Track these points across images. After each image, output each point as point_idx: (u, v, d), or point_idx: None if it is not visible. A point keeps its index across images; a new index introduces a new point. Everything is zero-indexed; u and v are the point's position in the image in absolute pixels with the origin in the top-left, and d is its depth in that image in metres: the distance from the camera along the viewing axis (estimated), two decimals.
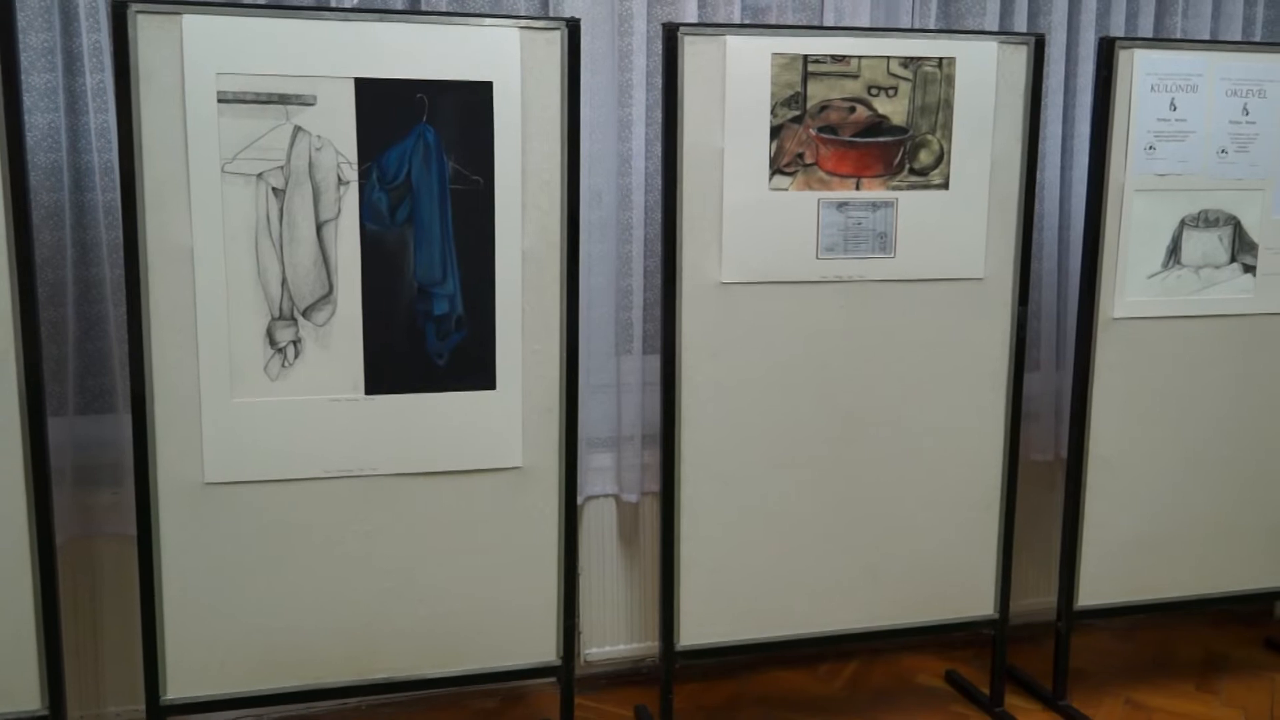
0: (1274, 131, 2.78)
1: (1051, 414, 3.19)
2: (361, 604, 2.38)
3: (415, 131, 2.25)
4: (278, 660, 2.36)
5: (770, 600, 2.68)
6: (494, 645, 2.48)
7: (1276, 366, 2.90)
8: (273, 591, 2.33)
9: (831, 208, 2.56)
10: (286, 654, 2.36)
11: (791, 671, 3.14)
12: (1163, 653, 3.29)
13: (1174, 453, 2.88)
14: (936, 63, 2.55)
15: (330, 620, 2.37)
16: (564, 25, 2.31)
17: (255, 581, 2.32)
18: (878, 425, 2.68)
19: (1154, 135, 2.70)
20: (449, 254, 2.32)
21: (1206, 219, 2.78)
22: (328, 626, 2.37)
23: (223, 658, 2.33)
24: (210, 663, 2.33)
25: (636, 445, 2.92)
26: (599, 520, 2.97)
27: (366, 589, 2.38)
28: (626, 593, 3.02)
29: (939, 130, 2.59)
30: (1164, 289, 2.78)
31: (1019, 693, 3.01)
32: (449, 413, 2.37)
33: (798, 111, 2.50)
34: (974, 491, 2.77)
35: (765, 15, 2.89)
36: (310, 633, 2.36)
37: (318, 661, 2.38)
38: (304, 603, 2.35)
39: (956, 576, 2.80)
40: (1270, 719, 2.88)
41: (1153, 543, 2.90)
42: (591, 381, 2.89)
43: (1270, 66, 2.75)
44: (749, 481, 2.62)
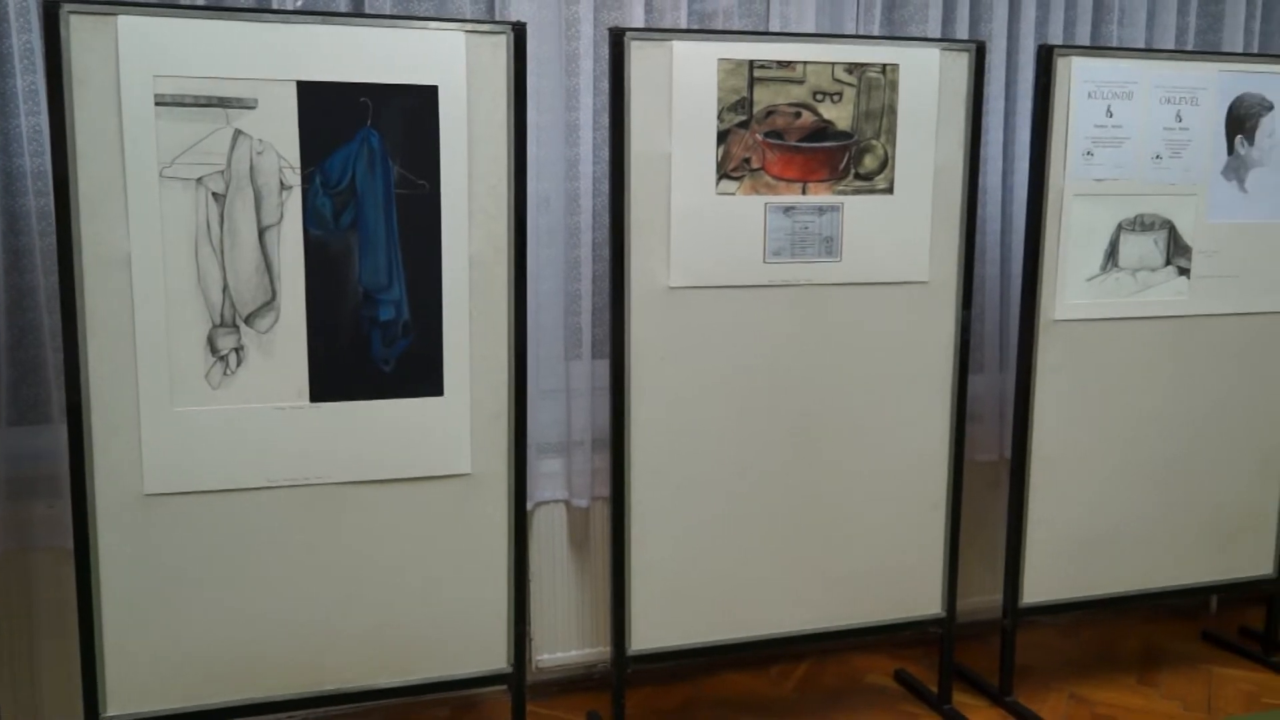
0: (1206, 138, 2.85)
1: (996, 415, 3.23)
2: (308, 615, 2.34)
3: (359, 135, 2.23)
4: (222, 674, 2.31)
5: (721, 603, 2.69)
6: (444, 654, 2.46)
7: (1210, 366, 2.97)
8: (217, 604, 2.28)
9: (778, 212, 2.57)
10: (231, 667, 2.32)
11: (744, 674, 3.15)
12: (1104, 647, 3.35)
13: (1113, 451, 2.93)
14: (880, 69, 2.58)
15: (277, 632, 2.33)
16: (510, 29, 2.30)
17: (198, 594, 2.27)
18: (825, 427, 2.69)
19: (1091, 141, 2.75)
20: (395, 259, 2.30)
21: (1142, 223, 2.84)
22: (274, 638, 2.33)
23: (165, 673, 2.28)
24: (152, 678, 2.28)
25: (586, 450, 2.91)
26: (549, 526, 2.96)
27: (313, 599, 2.34)
28: (578, 598, 3.01)
29: (883, 135, 2.61)
30: (1102, 291, 2.84)
31: (967, 690, 3.05)
32: (396, 420, 2.34)
33: (744, 117, 2.51)
34: (921, 492, 2.80)
35: (712, 21, 2.90)
36: (256, 645, 2.32)
37: (264, 674, 2.34)
38: (249, 615, 2.31)
39: (904, 576, 2.82)
40: (1207, 709, 2.95)
41: (1094, 540, 2.96)
42: (541, 387, 2.88)
43: (1202, 75, 2.82)
44: (699, 485, 2.63)
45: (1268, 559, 3.13)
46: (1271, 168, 2.92)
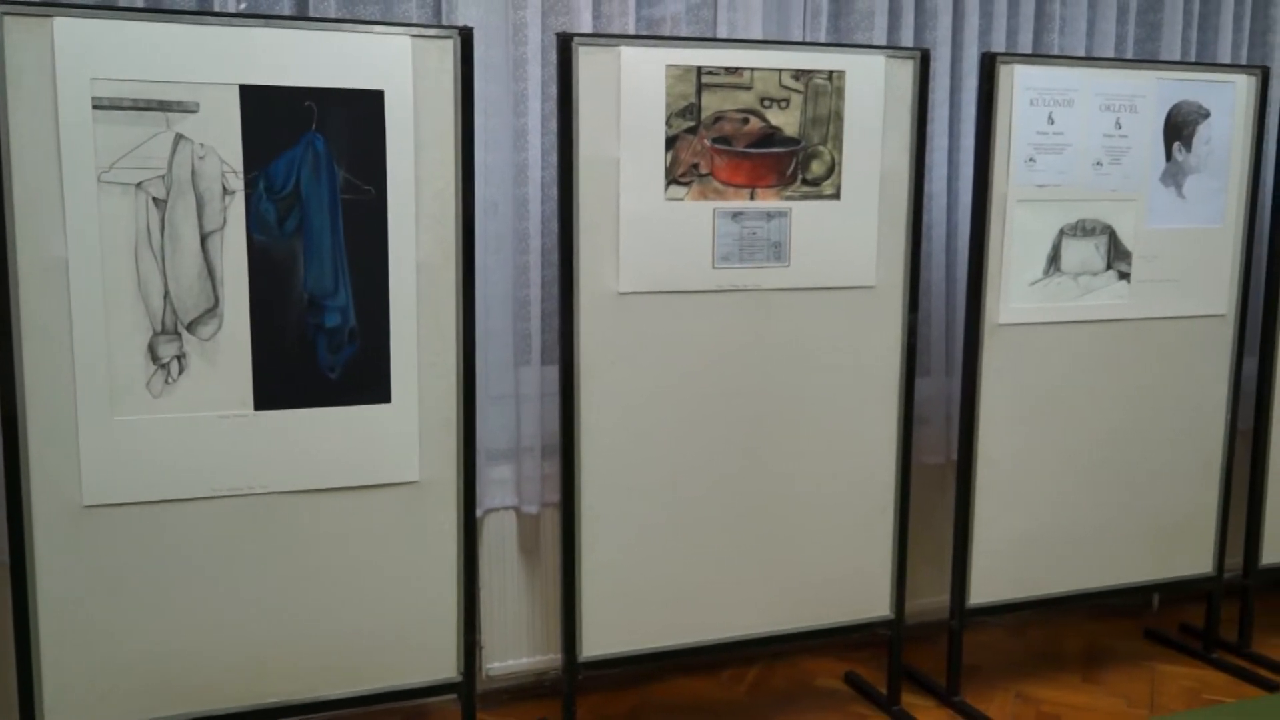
0: (1145, 145, 2.90)
1: (942, 418, 3.27)
2: (253, 626, 2.31)
3: (304, 140, 2.20)
4: (165, 688, 2.27)
5: (672, 608, 2.69)
6: (393, 663, 2.43)
7: (1151, 369, 3.02)
8: (159, 616, 2.24)
9: (727, 217, 2.58)
10: (174, 681, 2.28)
11: (695, 679, 3.16)
12: (1050, 646, 3.39)
13: (1058, 453, 2.97)
14: (827, 75, 2.60)
15: (221, 644, 2.29)
16: (457, 34, 2.29)
17: (139, 607, 2.23)
18: (774, 431, 2.70)
19: (1034, 148, 2.79)
20: (340, 265, 2.28)
21: (1084, 228, 2.88)
22: (218, 651, 2.29)
23: (105, 687, 2.23)
24: (91, 693, 2.23)
25: (536, 456, 2.90)
26: (499, 533, 2.94)
27: (259, 610, 2.31)
28: (528, 605, 2.99)
29: (830, 141, 2.63)
30: (1045, 295, 2.88)
31: (916, 691, 3.08)
32: (343, 427, 2.32)
33: (692, 122, 2.51)
34: (869, 495, 2.82)
35: (660, 27, 2.90)
36: (199, 658, 2.28)
37: (208, 687, 2.30)
38: (192, 627, 2.27)
39: (854, 579, 2.84)
40: (1150, 706, 3.00)
41: (1039, 541, 3.00)
42: (490, 393, 2.86)
43: (1141, 83, 2.87)
44: (649, 490, 2.62)
45: (1207, 557, 3.19)
46: (1208, 174, 2.98)
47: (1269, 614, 3.64)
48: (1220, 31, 3.39)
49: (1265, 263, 3.18)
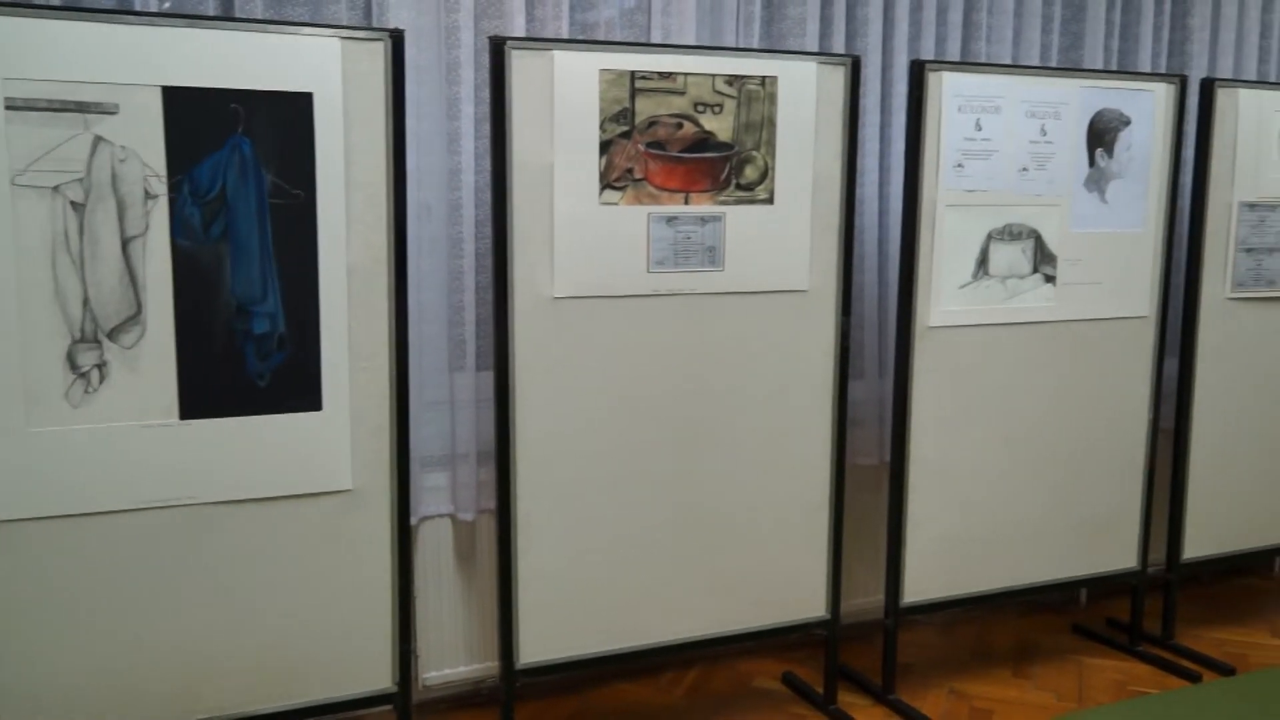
0: (1069, 151, 2.96)
1: (876, 419, 3.30)
2: (182, 641, 2.25)
3: (230, 143, 2.16)
4: (90, 707, 2.21)
5: (610, 613, 2.68)
6: (327, 675, 2.39)
7: (1076, 370, 3.09)
8: (82, 634, 2.18)
9: (661, 222, 2.58)
10: (100, 700, 2.21)
11: (634, 683, 3.15)
12: (981, 643, 3.44)
13: (987, 453, 3.02)
14: (760, 81, 2.61)
15: (148, 661, 2.23)
16: (387, 36, 2.26)
17: (61, 624, 2.16)
18: (710, 435, 2.71)
19: (962, 154, 2.84)
20: (269, 270, 2.23)
21: (1011, 232, 2.93)
22: (145, 668, 2.23)
23: (26, 708, 2.16)
24: (11, 715, 2.16)
25: (472, 463, 2.87)
26: (434, 540, 2.91)
27: (186, 625, 2.25)
28: (464, 613, 2.96)
29: (763, 147, 2.65)
30: (974, 298, 2.92)
31: (852, 690, 3.10)
32: (272, 435, 2.28)
33: (626, 127, 2.51)
34: (804, 497, 2.84)
35: (594, 31, 2.89)
36: (126, 675, 2.22)
37: (136, 706, 2.24)
38: (118, 644, 2.20)
39: (790, 580, 2.86)
40: (1078, 699, 3.06)
41: (970, 539, 3.04)
42: (424, 399, 2.83)
43: (1065, 91, 2.93)
44: (585, 495, 2.61)
45: (1132, 553, 3.27)
46: (1129, 180, 3.05)
47: (1191, 606, 3.74)
48: (1140, 41, 3.47)
49: (1184, 266, 3.26)
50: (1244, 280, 3.28)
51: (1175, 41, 3.58)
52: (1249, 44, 3.64)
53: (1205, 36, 3.57)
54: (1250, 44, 3.64)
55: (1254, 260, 3.29)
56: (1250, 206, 3.25)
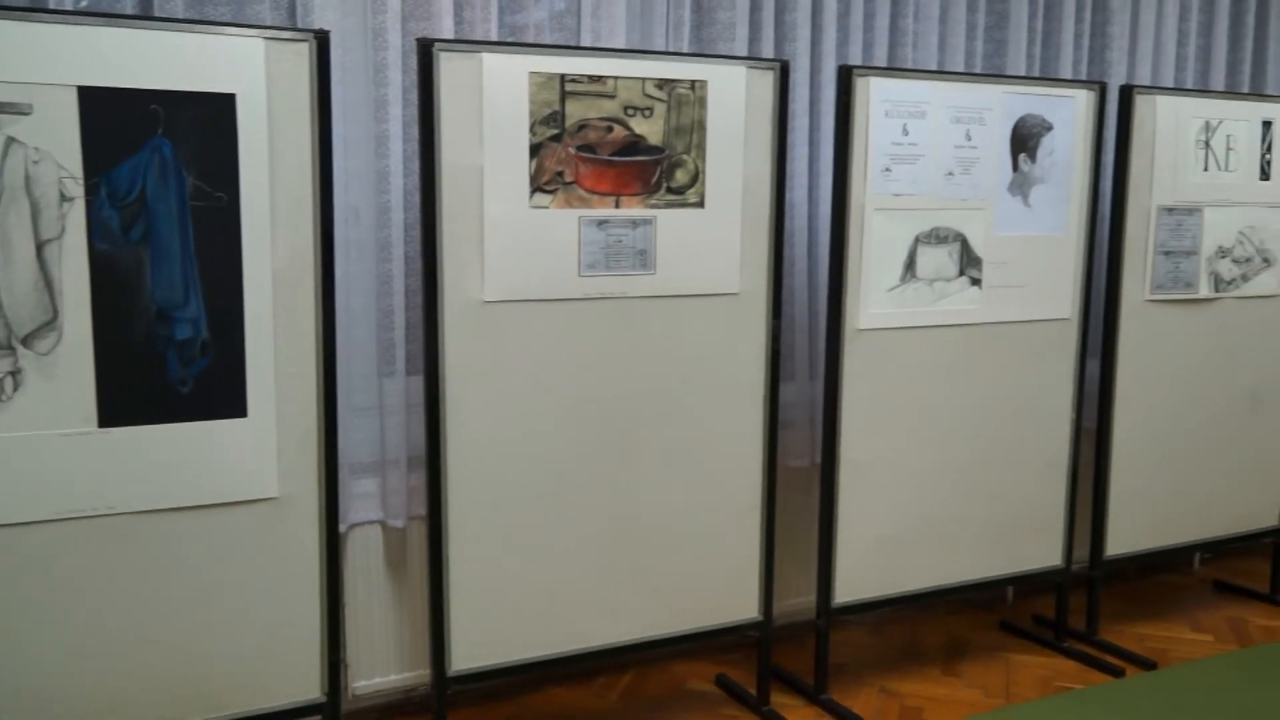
0: (993, 156, 3.01)
1: (807, 421, 3.33)
2: (105, 654, 2.20)
3: (149, 145, 2.11)
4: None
5: (543, 618, 2.67)
6: (254, 686, 2.35)
7: (1001, 371, 3.14)
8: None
9: (592, 225, 2.58)
10: (15, 714, 2.15)
11: (568, 688, 3.14)
12: (911, 642, 3.49)
13: (915, 454, 3.06)
14: (689, 85, 2.62)
15: (70, 675, 2.17)
16: (312, 37, 2.23)
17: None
18: (642, 438, 2.71)
19: (889, 158, 2.87)
20: (191, 275, 2.19)
21: (937, 236, 2.98)
22: (67, 682, 2.17)
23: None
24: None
25: (402, 469, 2.84)
26: (364, 548, 2.88)
27: (109, 638, 2.20)
28: (395, 621, 2.93)
29: (694, 150, 2.66)
30: (902, 301, 2.96)
31: (785, 690, 3.12)
32: (196, 443, 2.23)
33: (556, 130, 2.51)
34: (737, 499, 2.85)
35: (523, 34, 2.88)
36: (42, 690, 2.16)
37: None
38: (36, 659, 2.14)
39: (723, 582, 2.87)
40: (1005, 695, 3.11)
41: (900, 539, 3.08)
42: (353, 404, 2.80)
43: (989, 96, 2.98)
44: (518, 500, 2.60)
45: (1056, 551, 3.33)
46: (1052, 184, 3.11)
47: (1114, 603, 3.83)
48: (1062, 49, 3.55)
49: (1105, 269, 3.34)
50: (1162, 283, 3.37)
51: (1095, 49, 3.67)
52: (1166, 51, 3.74)
53: (1124, 44, 3.66)
54: (1168, 51, 3.74)
55: (1172, 263, 3.37)
56: (1168, 211, 3.34)
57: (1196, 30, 3.82)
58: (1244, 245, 3.49)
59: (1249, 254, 3.51)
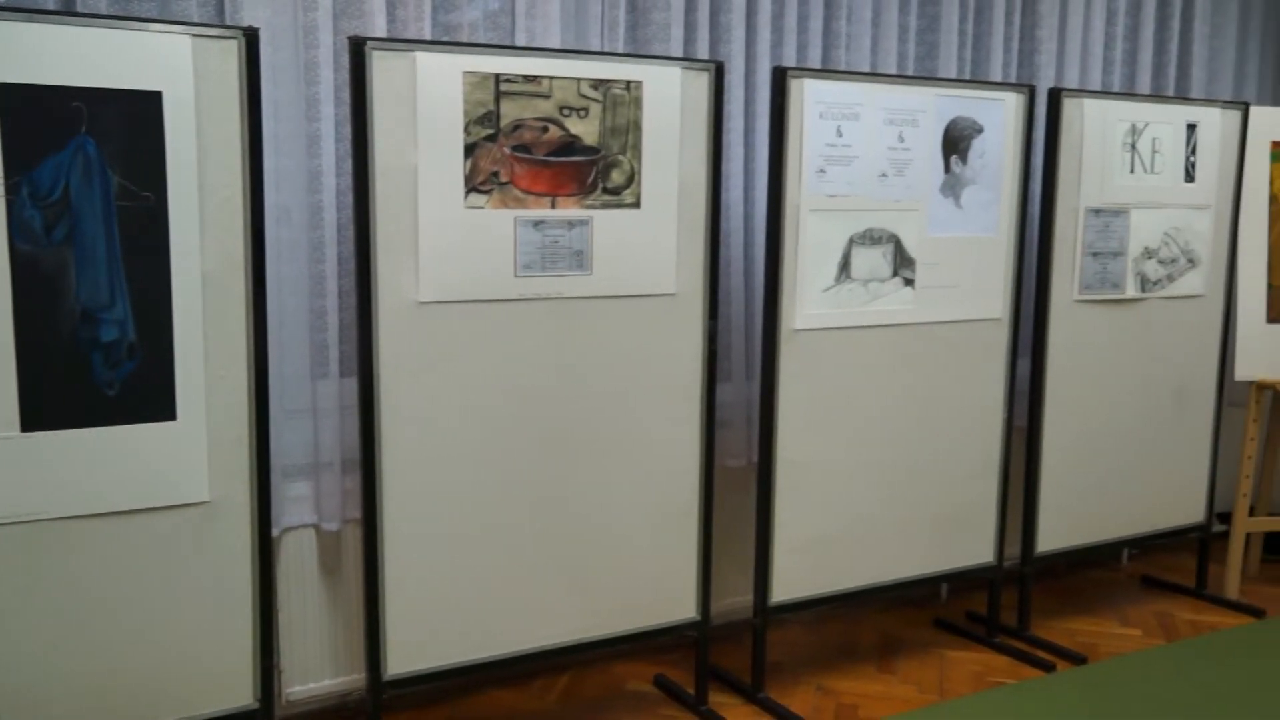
0: (925, 157, 3.05)
1: (744, 421, 3.35)
2: (31, 664, 2.15)
3: (73, 144, 2.07)
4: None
5: (480, 621, 2.66)
6: (186, 693, 2.31)
7: (935, 371, 3.19)
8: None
9: (528, 226, 2.57)
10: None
11: (505, 690, 3.13)
12: (847, 639, 3.52)
13: (851, 453, 3.09)
14: (625, 85, 2.63)
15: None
16: (241, 34, 2.20)
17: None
18: (579, 439, 2.71)
19: (824, 159, 2.90)
20: (117, 276, 2.15)
21: (871, 237, 3.01)
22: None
23: None
24: None
25: (336, 472, 2.81)
26: (297, 552, 2.84)
27: (36, 647, 2.15)
28: (329, 625, 2.90)
29: (629, 151, 2.66)
30: (837, 301, 2.99)
31: (723, 690, 3.14)
32: (123, 447, 2.19)
33: (491, 130, 2.50)
34: (674, 499, 2.86)
35: (457, 33, 2.87)
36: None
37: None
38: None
39: (661, 583, 2.88)
40: (939, 691, 3.15)
41: (835, 538, 3.11)
42: (286, 407, 2.76)
43: (921, 99, 3.02)
44: (454, 502, 2.59)
45: (989, 548, 3.38)
46: (982, 185, 3.16)
47: (1045, 598, 3.90)
48: (992, 52, 3.61)
49: (1035, 269, 3.40)
50: (1090, 283, 3.44)
51: (1025, 52, 3.73)
52: (1094, 55, 3.82)
53: (1053, 48, 3.72)
54: (1095, 55, 3.82)
55: (1100, 264, 3.44)
56: (1095, 212, 3.41)
57: (1123, 34, 3.90)
58: (1169, 246, 3.57)
59: (1174, 255, 3.59)
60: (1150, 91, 4.00)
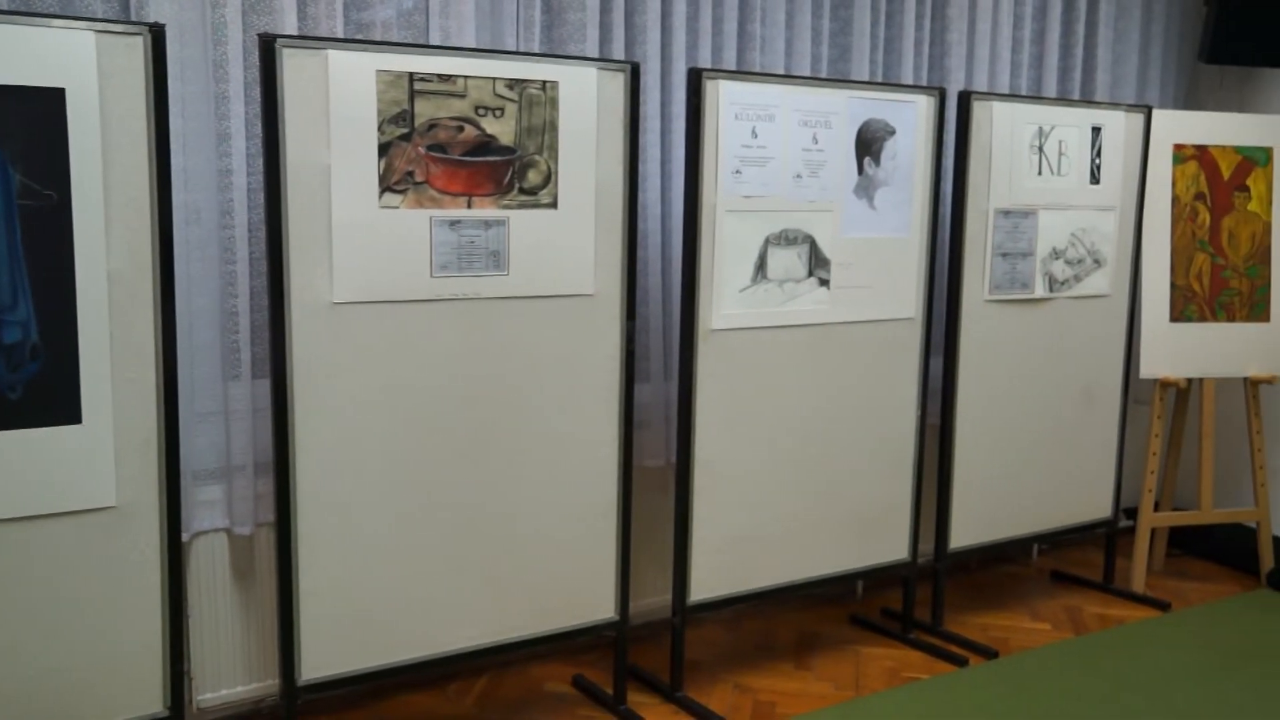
0: (839, 159, 3.10)
1: (662, 421, 3.37)
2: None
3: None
4: None
5: (396, 624, 2.64)
6: (93, 701, 2.27)
7: (850, 370, 3.24)
8: None
9: (444, 226, 2.56)
10: None
11: (422, 694, 3.11)
12: (764, 637, 3.56)
13: (768, 452, 3.13)
14: (540, 85, 2.63)
15: None
16: (147, 31, 2.16)
17: None
18: (497, 440, 2.71)
19: (740, 160, 2.93)
20: (19, 276, 2.10)
21: (787, 237, 3.05)
22: None
23: None
24: None
25: (249, 475, 2.77)
26: (209, 556, 2.80)
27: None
28: (242, 630, 2.86)
29: (546, 151, 2.66)
30: (754, 302, 3.02)
31: (641, 689, 3.15)
32: (26, 451, 2.14)
33: (406, 129, 2.48)
34: (592, 500, 2.87)
35: (370, 31, 2.84)
36: None
37: None
38: None
39: (580, 583, 2.88)
40: (855, 687, 3.20)
41: (753, 537, 3.14)
42: (197, 409, 2.72)
43: (834, 101, 3.07)
44: (369, 505, 2.56)
45: (903, 544, 3.45)
46: (895, 187, 3.22)
47: (958, 594, 3.98)
48: (903, 55, 3.67)
49: (946, 270, 3.47)
50: (1000, 283, 3.52)
51: (935, 56, 3.81)
52: (1002, 59, 3.90)
53: (962, 51, 3.80)
54: (1003, 59, 3.91)
55: (1009, 264, 3.53)
56: (1005, 214, 3.49)
57: (1030, 38, 4.00)
58: (1076, 247, 3.67)
59: (1081, 255, 3.69)
60: (1056, 95, 4.10)
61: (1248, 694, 3.18)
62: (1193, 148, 3.94)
